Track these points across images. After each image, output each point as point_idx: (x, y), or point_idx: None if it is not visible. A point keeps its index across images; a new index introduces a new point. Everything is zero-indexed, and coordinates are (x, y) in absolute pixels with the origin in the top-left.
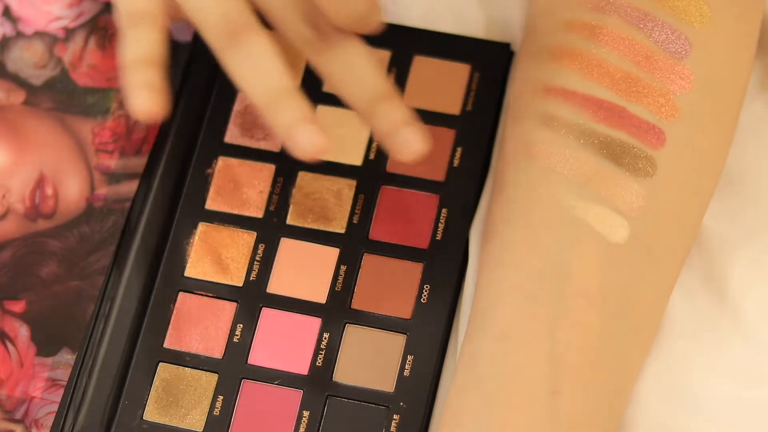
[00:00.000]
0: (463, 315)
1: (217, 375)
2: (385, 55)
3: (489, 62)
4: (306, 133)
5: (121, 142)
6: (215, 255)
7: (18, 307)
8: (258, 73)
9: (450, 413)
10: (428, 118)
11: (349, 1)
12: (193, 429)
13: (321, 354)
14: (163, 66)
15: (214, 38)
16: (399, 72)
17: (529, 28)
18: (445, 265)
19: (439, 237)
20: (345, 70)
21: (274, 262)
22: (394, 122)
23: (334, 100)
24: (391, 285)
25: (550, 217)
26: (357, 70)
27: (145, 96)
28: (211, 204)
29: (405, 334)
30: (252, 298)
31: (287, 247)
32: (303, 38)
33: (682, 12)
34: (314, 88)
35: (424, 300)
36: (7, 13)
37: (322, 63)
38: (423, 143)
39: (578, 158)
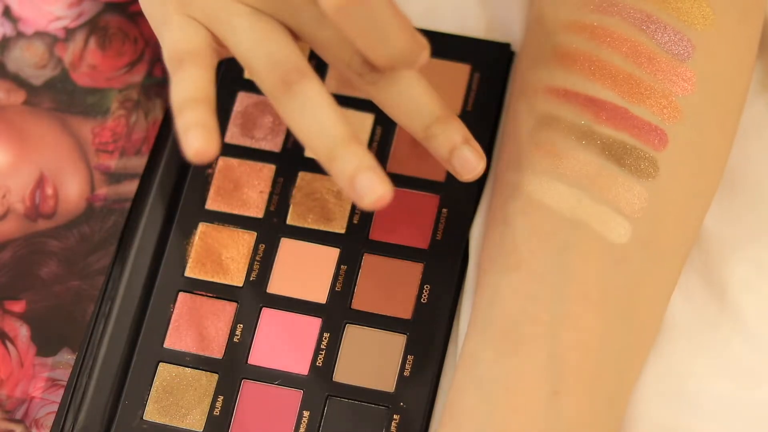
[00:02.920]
0: (463, 315)
1: (217, 375)
2: None
3: (489, 62)
4: (367, 180)
5: (121, 142)
6: (215, 255)
7: (18, 307)
8: (315, 123)
9: (450, 414)
10: None
11: (386, 43)
12: (193, 429)
13: (321, 354)
14: (213, 104)
15: (266, 85)
16: None
17: (530, 28)
18: (445, 265)
19: (439, 237)
20: (398, 98)
21: (274, 262)
22: (451, 144)
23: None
24: (391, 285)
25: (551, 218)
26: (410, 95)
27: (196, 135)
28: (211, 204)
29: (405, 334)
30: (252, 298)
31: (287, 247)
32: (354, 71)
33: (685, 14)
34: None
35: (424, 300)
36: (8, 13)
37: (374, 93)
38: (482, 161)
39: (580, 159)
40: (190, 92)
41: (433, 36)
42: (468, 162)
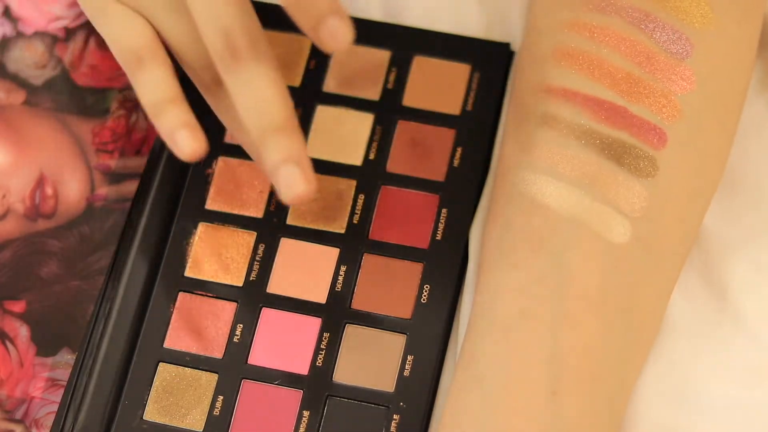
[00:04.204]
0: (463, 315)
1: (217, 375)
2: (385, 55)
3: (489, 62)
4: (185, 138)
5: (121, 142)
6: (215, 255)
7: (18, 307)
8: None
9: (450, 414)
10: (428, 118)
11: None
12: (193, 429)
13: (321, 354)
14: (185, 101)
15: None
16: (399, 72)
17: (529, 28)
18: (445, 265)
19: (439, 237)
20: (244, 91)
21: (274, 262)
22: (279, 159)
23: (334, 100)
24: (391, 285)
25: (551, 217)
26: (258, 92)
27: (186, 136)
28: (211, 204)
29: (405, 334)
30: (252, 298)
31: (287, 247)
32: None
33: (684, 13)
34: (314, 88)
35: (424, 300)
36: (7, 13)
37: (227, 92)
38: (309, 185)
39: (579, 158)
40: (162, 93)
41: (432, 36)
42: (290, 183)
